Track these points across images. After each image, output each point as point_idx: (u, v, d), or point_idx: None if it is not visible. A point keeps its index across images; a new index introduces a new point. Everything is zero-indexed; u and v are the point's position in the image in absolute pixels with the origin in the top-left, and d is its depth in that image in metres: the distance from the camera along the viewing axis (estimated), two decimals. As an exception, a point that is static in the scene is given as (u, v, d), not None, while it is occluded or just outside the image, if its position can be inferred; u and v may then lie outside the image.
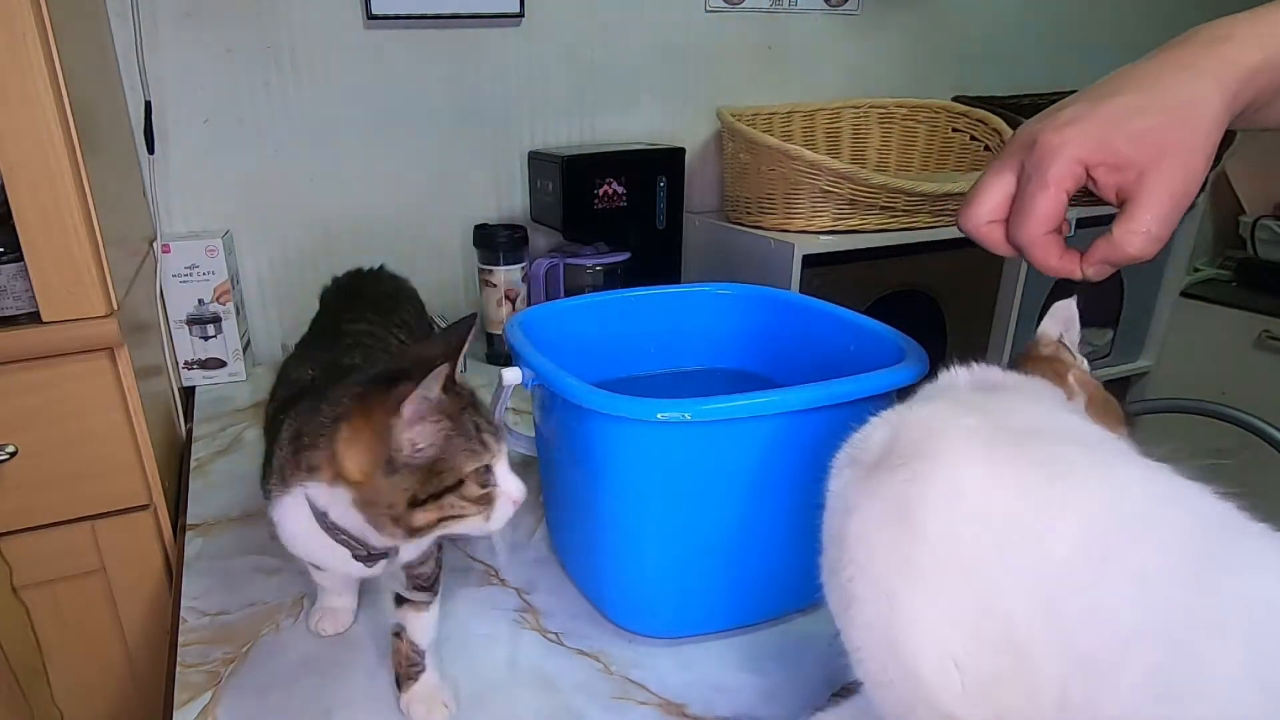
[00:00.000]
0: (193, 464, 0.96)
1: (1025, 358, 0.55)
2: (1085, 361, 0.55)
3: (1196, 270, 1.93)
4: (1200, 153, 0.44)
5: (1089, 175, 0.46)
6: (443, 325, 1.25)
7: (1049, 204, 0.47)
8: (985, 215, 0.50)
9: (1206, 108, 0.43)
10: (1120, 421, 0.51)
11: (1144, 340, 1.77)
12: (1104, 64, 0.47)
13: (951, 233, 1.33)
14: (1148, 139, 0.44)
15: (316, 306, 0.81)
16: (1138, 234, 0.44)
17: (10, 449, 0.80)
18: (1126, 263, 0.46)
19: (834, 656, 0.46)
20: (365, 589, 0.70)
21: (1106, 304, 1.68)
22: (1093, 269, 0.48)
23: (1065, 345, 0.55)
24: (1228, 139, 1.05)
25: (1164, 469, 0.40)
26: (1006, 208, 0.50)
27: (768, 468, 0.61)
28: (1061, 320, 0.56)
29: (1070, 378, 0.51)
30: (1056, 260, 0.48)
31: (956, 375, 0.51)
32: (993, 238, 0.51)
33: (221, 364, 1.18)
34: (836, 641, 0.46)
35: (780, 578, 0.66)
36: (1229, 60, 0.44)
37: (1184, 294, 1.80)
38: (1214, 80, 0.44)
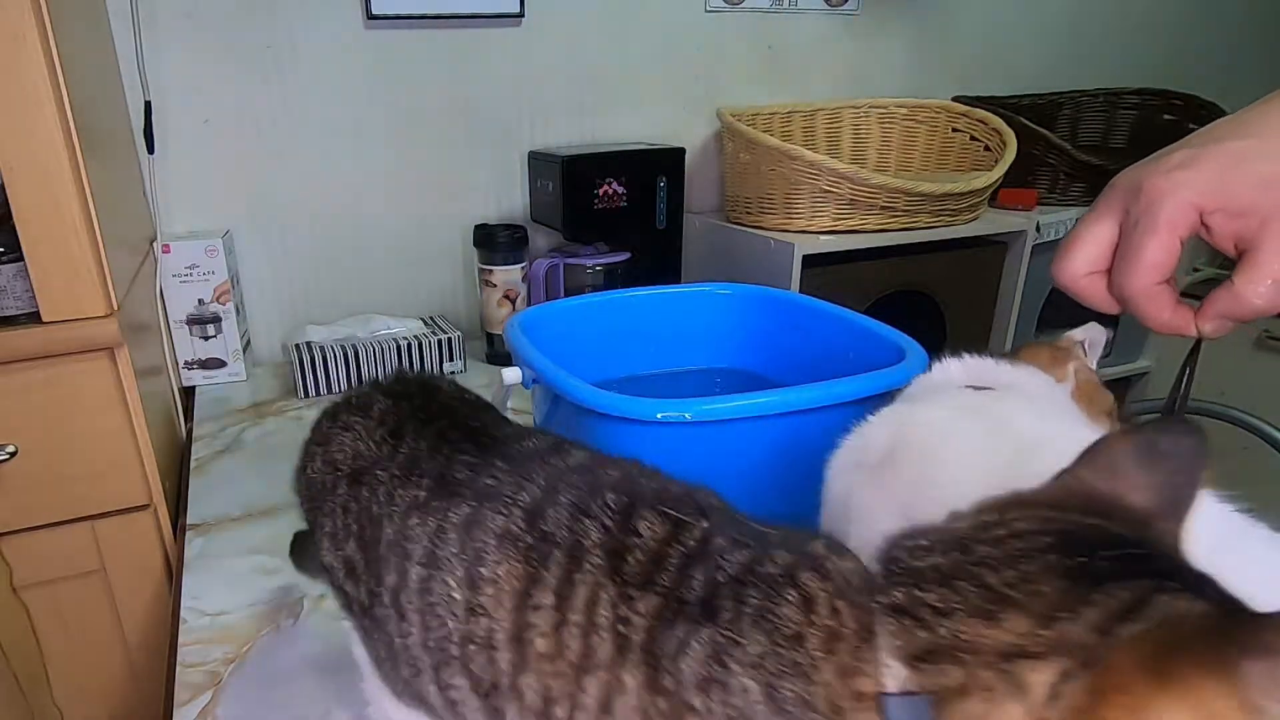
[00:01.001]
0: (193, 464, 0.96)
1: (1025, 347, 0.55)
2: (1094, 363, 0.56)
3: (1196, 270, 1.93)
4: None
5: (1203, 222, 0.43)
6: (442, 327, 1.25)
7: (1160, 250, 0.43)
8: (1084, 266, 0.46)
9: None
10: (1105, 413, 0.51)
11: (1144, 340, 1.77)
12: (1103, 64, 0.46)
13: (951, 232, 1.33)
14: (1271, 184, 0.41)
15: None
16: (1264, 284, 0.41)
17: (10, 449, 0.80)
18: (1251, 317, 0.43)
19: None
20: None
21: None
22: (1210, 325, 0.44)
23: (1083, 348, 0.55)
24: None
25: None
26: (1108, 258, 0.46)
27: (767, 468, 0.60)
28: (1089, 335, 0.55)
29: (1069, 366, 0.51)
30: (1169, 315, 0.45)
31: (949, 368, 0.51)
32: (1093, 291, 0.47)
33: (222, 364, 1.18)
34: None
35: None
36: None
37: (1184, 294, 1.78)
38: None
